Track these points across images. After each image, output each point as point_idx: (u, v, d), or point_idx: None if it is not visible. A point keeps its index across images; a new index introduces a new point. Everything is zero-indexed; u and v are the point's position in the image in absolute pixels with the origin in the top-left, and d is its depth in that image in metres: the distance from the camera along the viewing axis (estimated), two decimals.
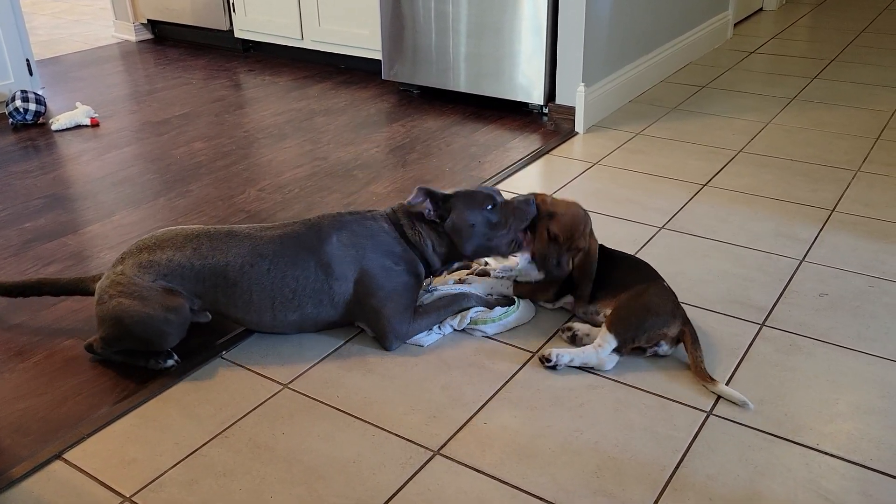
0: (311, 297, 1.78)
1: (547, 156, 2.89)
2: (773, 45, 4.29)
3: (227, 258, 1.75)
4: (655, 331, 1.71)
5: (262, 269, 1.75)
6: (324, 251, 1.77)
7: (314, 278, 1.77)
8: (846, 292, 1.99)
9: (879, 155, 2.82)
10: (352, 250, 1.78)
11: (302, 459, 1.50)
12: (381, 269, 1.79)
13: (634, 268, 1.85)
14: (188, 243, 1.77)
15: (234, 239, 1.78)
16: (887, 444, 1.51)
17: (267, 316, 1.78)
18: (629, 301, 1.74)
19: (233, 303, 1.76)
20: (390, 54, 3.52)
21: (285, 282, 1.76)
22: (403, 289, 1.80)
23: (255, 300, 1.76)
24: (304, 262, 1.77)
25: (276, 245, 1.78)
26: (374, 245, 1.80)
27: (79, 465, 1.50)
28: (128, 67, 4.19)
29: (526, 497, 1.40)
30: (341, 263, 1.77)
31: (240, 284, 1.75)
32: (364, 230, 1.81)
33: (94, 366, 1.78)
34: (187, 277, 1.74)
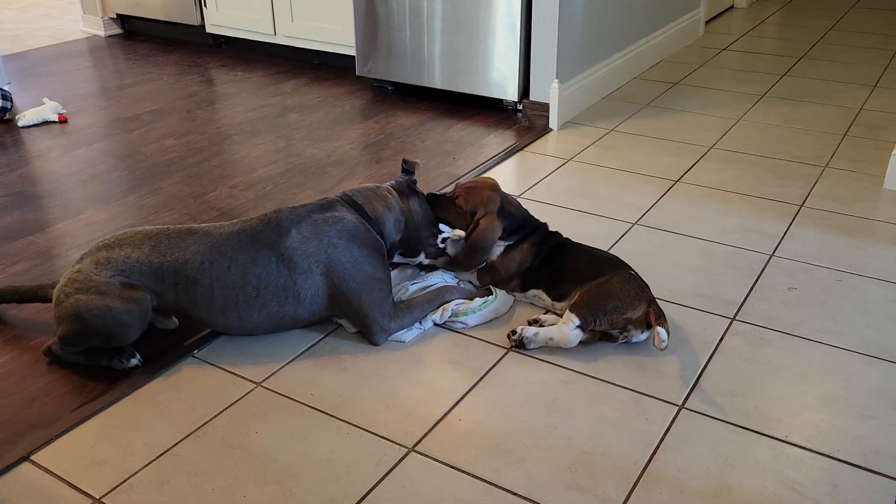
0: (276, 295, 1.75)
1: (521, 152, 2.90)
2: (743, 42, 4.34)
3: (185, 255, 1.73)
4: (618, 314, 1.73)
5: (221, 267, 1.73)
6: (283, 246, 1.75)
7: (276, 274, 1.74)
8: (814, 286, 2.03)
9: (847, 151, 2.86)
10: (314, 242, 1.76)
11: (275, 458, 1.49)
12: (349, 257, 1.77)
13: (604, 262, 1.88)
14: (146, 241, 1.75)
15: (193, 236, 1.76)
16: (853, 435, 1.53)
17: (233, 316, 1.76)
18: (592, 287, 1.78)
19: (195, 302, 1.74)
20: (364, 50, 3.51)
21: (247, 279, 1.73)
22: (376, 276, 1.80)
23: (218, 298, 1.74)
24: (265, 259, 1.74)
25: (234, 241, 1.76)
26: (340, 231, 1.78)
27: (47, 467, 1.48)
28: (97, 63, 4.13)
29: (500, 493, 1.41)
30: (304, 257, 1.76)
31: (200, 282, 1.72)
32: (325, 218, 1.80)
33: (64, 366, 1.75)
34: (146, 274, 1.72)
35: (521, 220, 1.97)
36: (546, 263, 1.90)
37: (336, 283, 1.77)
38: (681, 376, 1.70)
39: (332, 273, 1.76)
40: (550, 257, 1.91)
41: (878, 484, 1.42)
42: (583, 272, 1.84)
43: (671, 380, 1.69)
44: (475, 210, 1.94)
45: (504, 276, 1.93)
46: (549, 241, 1.95)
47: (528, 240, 1.94)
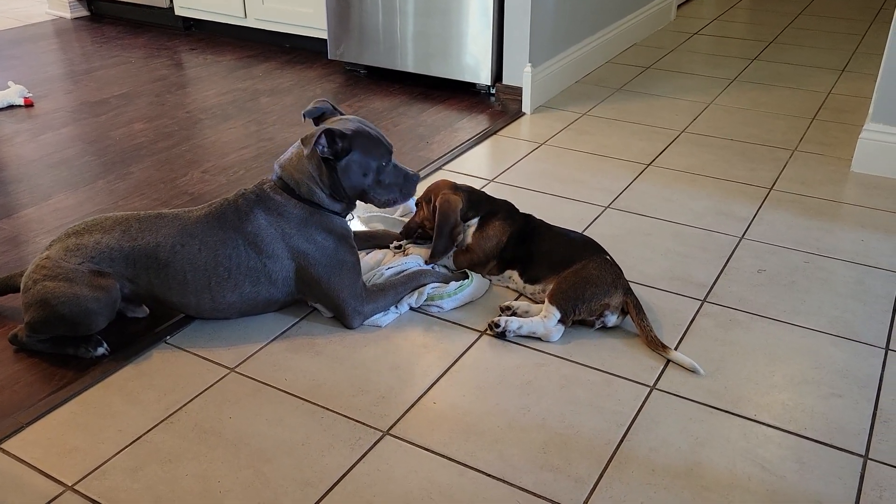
0: (248, 276, 1.75)
1: (494, 136, 2.90)
2: (714, 26, 4.37)
3: (157, 239, 1.72)
4: (597, 301, 1.74)
5: (192, 249, 1.72)
6: (247, 231, 1.74)
7: (246, 256, 1.74)
8: (783, 268, 2.06)
9: (815, 134, 2.90)
10: (272, 229, 1.75)
11: (249, 443, 1.49)
12: (308, 244, 1.76)
13: (578, 245, 1.88)
14: (116, 227, 1.73)
15: (163, 220, 1.75)
16: (820, 413, 1.57)
17: (206, 297, 1.75)
18: (569, 275, 1.78)
19: (167, 285, 1.73)
20: (336, 34, 3.47)
21: (218, 261, 1.73)
22: (339, 259, 1.78)
23: (191, 280, 1.73)
24: (233, 241, 1.74)
25: (202, 225, 1.75)
26: (288, 220, 1.76)
27: (18, 455, 1.46)
28: (63, 46, 4.04)
29: (474, 474, 1.42)
30: (269, 241, 1.75)
31: (172, 265, 1.71)
32: (272, 208, 1.77)
33: (33, 353, 1.73)
34: (116, 260, 1.70)
35: (479, 195, 2.00)
36: (521, 244, 1.91)
37: (303, 268, 1.77)
38: (652, 357, 1.72)
39: (297, 259, 1.76)
40: (525, 238, 1.91)
41: (844, 460, 1.45)
42: (558, 256, 1.84)
43: (642, 361, 1.71)
44: (430, 197, 1.98)
45: (482, 258, 1.94)
46: (522, 220, 1.96)
47: (499, 216, 1.95)
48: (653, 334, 1.72)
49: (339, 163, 1.76)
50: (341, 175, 1.77)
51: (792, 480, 1.41)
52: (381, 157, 1.79)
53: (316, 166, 1.77)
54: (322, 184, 1.79)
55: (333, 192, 1.79)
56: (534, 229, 1.94)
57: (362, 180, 1.79)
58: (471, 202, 1.96)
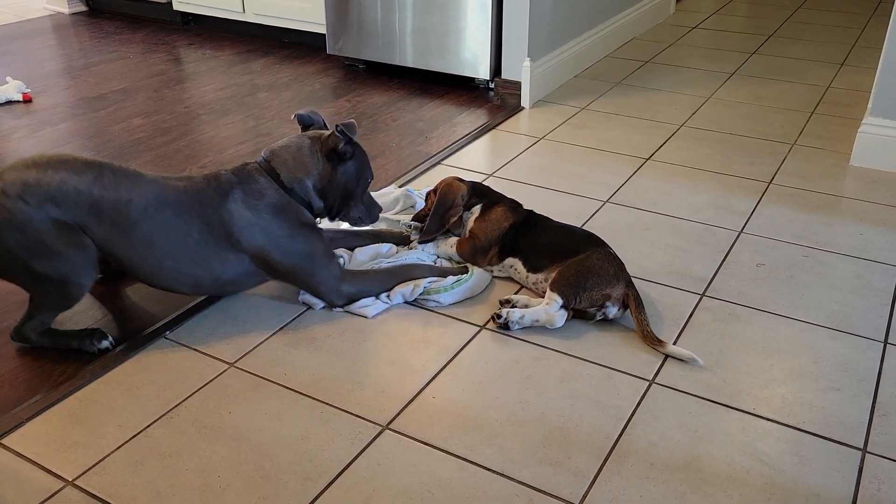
0: (217, 253, 1.72)
1: (493, 131, 2.90)
2: (713, 20, 4.36)
3: (130, 196, 1.66)
4: (598, 291, 1.75)
5: (166, 215, 1.68)
6: (225, 209, 1.72)
7: (218, 233, 1.72)
8: (782, 262, 2.06)
9: (814, 128, 2.90)
10: (247, 212, 1.74)
11: (249, 438, 1.49)
12: (281, 232, 1.75)
13: (581, 238, 1.90)
14: (88, 170, 1.64)
15: (141, 179, 1.69)
16: (818, 406, 1.57)
17: (168, 265, 1.70)
18: (572, 264, 1.80)
19: (131, 245, 1.67)
20: (335, 28, 3.47)
21: (190, 232, 1.70)
22: (310, 251, 1.78)
23: (158, 245, 1.68)
24: (207, 218, 1.71)
25: (181, 194, 1.71)
26: (266, 206, 1.75)
27: (18, 451, 1.47)
28: (61, 41, 4.04)
29: (474, 468, 1.42)
30: (243, 225, 1.73)
31: (141, 226, 1.66)
32: (251, 191, 1.76)
33: (33, 349, 1.73)
34: (82, 206, 1.62)
35: (485, 187, 2.07)
36: (523, 233, 1.93)
37: (274, 254, 1.76)
38: (651, 352, 1.72)
39: (269, 245, 1.75)
40: (528, 229, 1.93)
41: (843, 454, 1.46)
42: (561, 246, 1.86)
43: (642, 355, 1.71)
44: (436, 189, 2.06)
45: (484, 243, 1.94)
46: (525, 213, 1.99)
47: (501, 203, 2.00)
48: (649, 329, 1.73)
49: (345, 164, 1.83)
50: (341, 175, 1.83)
51: (791, 474, 1.41)
52: (369, 174, 1.91)
53: (319, 160, 1.81)
54: (319, 178, 1.81)
55: (324, 190, 1.83)
56: (536, 222, 1.96)
57: (354, 187, 1.87)
58: (474, 190, 2.03)
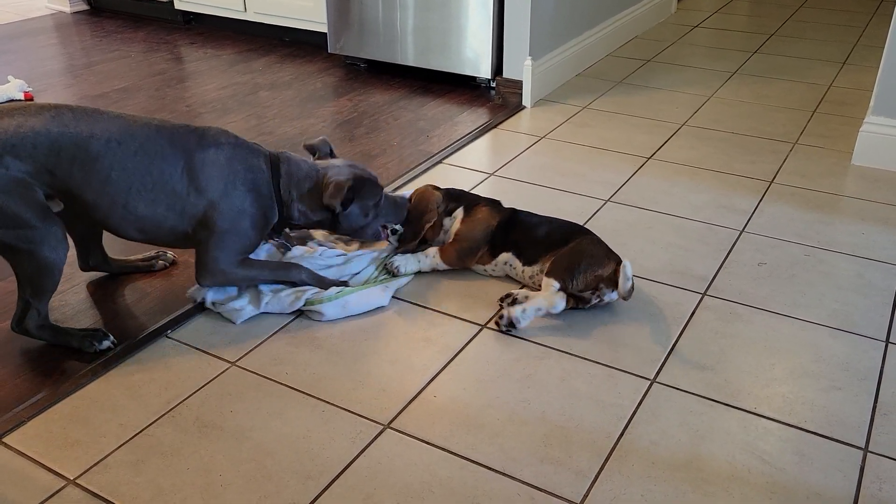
0: (168, 198, 1.69)
1: (495, 130, 2.90)
2: (715, 19, 4.36)
3: (92, 130, 1.62)
4: (591, 272, 1.78)
5: (129, 149, 1.65)
6: (197, 157, 1.70)
7: (178, 179, 1.69)
8: (783, 261, 2.06)
9: (816, 127, 2.90)
10: (223, 170, 1.72)
11: (251, 437, 1.49)
12: (239, 205, 1.74)
13: (571, 229, 1.93)
14: (44, 111, 1.61)
15: (104, 115, 1.67)
16: (819, 405, 1.57)
17: (120, 202, 1.66)
18: (565, 252, 1.83)
19: (88, 182, 1.63)
20: (336, 27, 3.47)
21: (149, 170, 1.66)
22: (246, 233, 1.77)
23: (114, 180, 1.64)
24: (174, 159, 1.68)
25: (149, 132, 1.68)
26: (246, 180, 1.74)
27: (20, 449, 1.47)
28: (63, 40, 4.04)
29: (475, 467, 1.42)
30: (209, 177, 1.71)
31: (101, 160, 1.62)
32: (242, 158, 1.75)
33: (34, 348, 1.73)
34: (40, 147, 1.58)
35: (460, 191, 2.06)
36: (512, 228, 1.94)
37: (212, 216, 1.73)
38: (652, 351, 1.72)
39: (217, 206, 1.73)
40: (515, 223, 1.95)
41: (844, 453, 1.46)
42: (552, 238, 1.89)
43: (643, 354, 1.71)
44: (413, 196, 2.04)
45: (471, 244, 1.94)
46: (509, 211, 2.00)
47: (483, 203, 2.00)
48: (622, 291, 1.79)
49: (344, 211, 1.84)
50: (342, 219, 1.86)
51: (792, 473, 1.41)
52: (376, 195, 1.89)
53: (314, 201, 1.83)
54: (303, 212, 1.84)
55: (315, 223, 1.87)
56: (522, 217, 1.97)
57: (363, 220, 1.89)
58: (451, 196, 2.02)
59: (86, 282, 1.98)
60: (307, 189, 1.83)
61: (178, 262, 2.05)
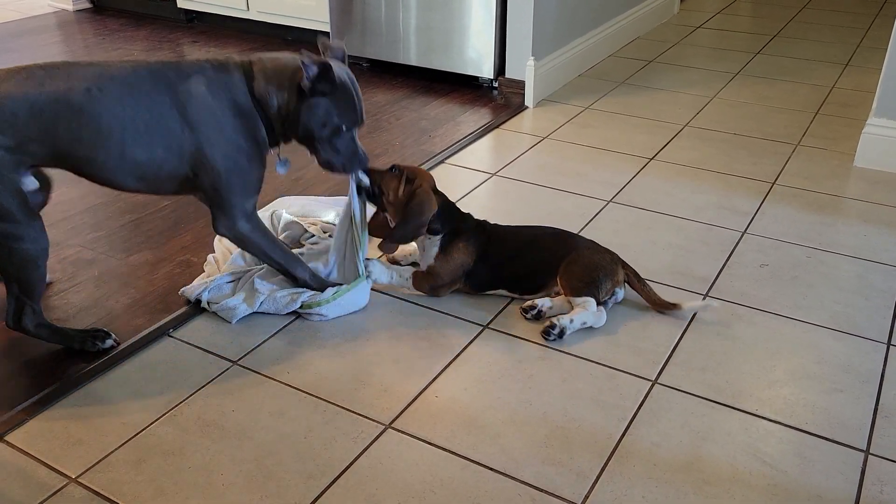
0: (164, 138, 1.62)
1: (497, 130, 2.90)
2: (718, 20, 4.36)
3: (68, 83, 1.54)
4: (609, 281, 1.80)
5: (111, 95, 1.57)
6: (181, 90, 1.62)
7: (169, 116, 1.61)
8: (785, 263, 2.06)
9: (818, 129, 2.89)
10: (209, 99, 1.64)
11: (252, 436, 1.50)
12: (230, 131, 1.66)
13: (555, 238, 1.90)
14: (13, 74, 1.53)
15: (76, 66, 1.59)
16: (821, 407, 1.57)
17: (115, 151, 1.59)
18: (572, 269, 1.81)
19: (78, 136, 1.55)
20: (338, 26, 3.47)
21: (138, 112, 1.58)
22: (247, 167, 1.70)
23: (104, 128, 1.56)
24: (160, 96, 1.61)
25: (127, 72, 1.61)
26: (229, 102, 1.66)
27: (22, 448, 1.47)
28: (65, 38, 4.04)
29: (476, 467, 1.43)
30: (197, 109, 1.63)
31: (87, 110, 1.54)
32: (221, 81, 1.66)
33: (37, 347, 1.73)
34: (20, 114, 1.50)
35: (451, 208, 1.88)
36: (492, 260, 1.85)
37: (210, 153, 1.66)
38: (654, 352, 1.72)
39: (215, 138, 1.65)
40: (492, 255, 1.85)
41: (845, 455, 1.46)
42: (545, 259, 1.84)
43: (644, 355, 1.71)
44: (413, 178, 1.83)
45: (446, 280, 1.85)
46: (482, 235, 1.87)
47: (463, 238, 1.84)
48: (657, 296, 1.82)
49: (309, 99, 1.66)
50: (304, 110, 1.68)
51: (793, 475, 1.41)
52: (346, 120, 1.71)
53: (290, 85, 1.67)
54: (281, 100, 1.68)
55: (286, 116, 1.70)
56: (499, 245, 1.86)
57: (318, 128, 1.69)
58: (442, 212, 1.83)
59: (88, 281, 1.98)
60: (282, 76, 1.68)
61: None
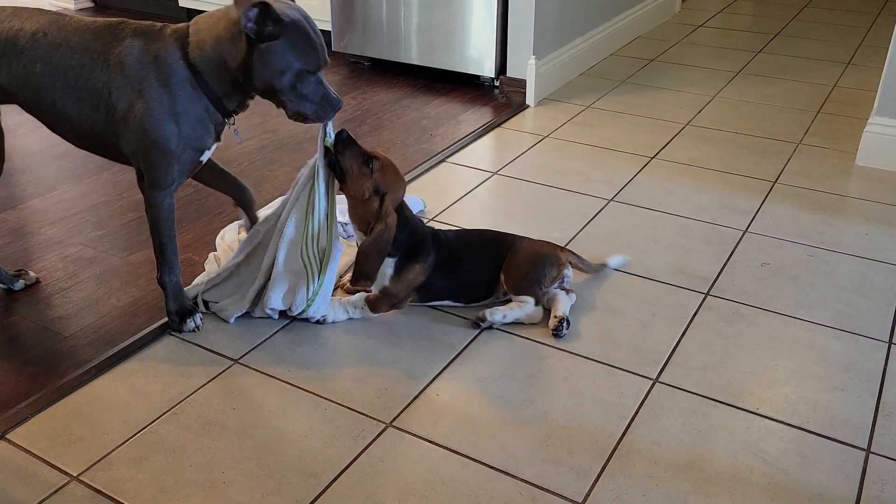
0: (92, 96, 1.61)
1: (498, 129, 2.90)
2: (719, 19, 4.35)
3: (22, 25, 1.63)
4: (551, 271, 1.81)
5: (52, 43, 1.61)
6: (112, 52, 1.60)
7: (98, 74, 1.60)
8: (787, 262, 2.06)
9: (820, 128, 2.89)
10: (136, 67, 1.58)
11: (253, 434, 1.50)
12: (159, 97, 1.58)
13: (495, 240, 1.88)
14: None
15: (40, 13, 1.66)
16: (822, 406, 1.57)
17: (48, 100, 1.63)
18: (515, 266, 1.81)
19: (16, 75, 1.63)
20: (340, 25, 3.47)
21: (70, 64, 1.60)
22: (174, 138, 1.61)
23: (38, 74, 1.61)
24: (92, 54, 1.61)
25: (75, 26, 1.64)
26: (158, 68, 1.58)
27: (23, 446, 1.47)
28: None
29: (477, 466, 1.43)
30: (124, 75, 1.58)
31: (27, 53, 1.61)
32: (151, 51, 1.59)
33: (38, 344, 1.74)
34: None
35: (408, 226, 1.77)
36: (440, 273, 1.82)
37: (137, 116, 1.59)
38: (654, 351, 1.72)
39: (136, 110, 1.59)
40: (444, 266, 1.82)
41: (846, 454, 1.46)
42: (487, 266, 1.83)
43: (645, 354, 1.71)
44: (381, 188, 1.71)
45: (402, 297, 1.81)
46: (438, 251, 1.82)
47: (420, 259, 1.79)
48: (591, 264, 1.93)
49: (260, 45, 1.52)
50: (256, 60, 1.53)
51: (794, 474, 1.41)
52: (307, 62, 1.56)
53: (233, 37, 1.54)
54: (229, 59, 1.56)
55: (239, 75, 1.57)
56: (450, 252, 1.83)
57: (277, 78, 1.55)
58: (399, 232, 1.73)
59: (89, 279, 1.98)
60: (220, 32, 1.57)
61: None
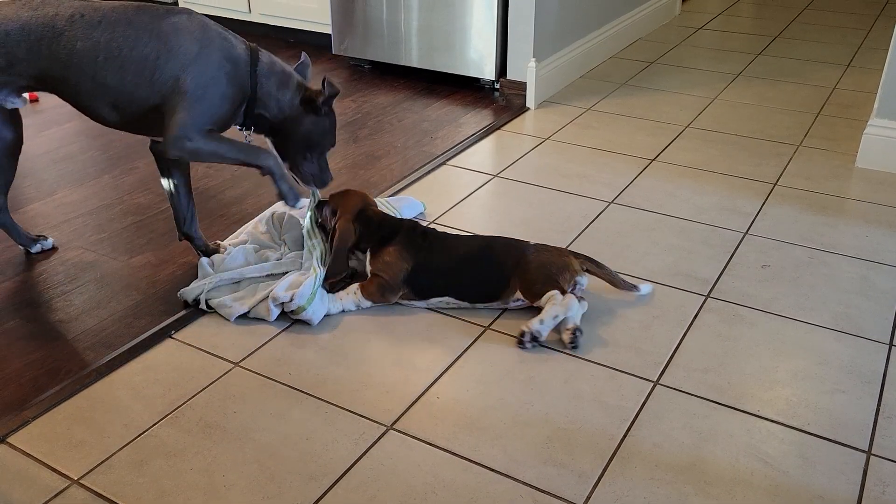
0: (136, 63, 1.68)
1: (498, 131, 2.90)
2: (719, 21, 4.36)
3: (57, 10, 1.69)
4: (566, 272, 1.80)
5: (93, 21, 1.68)
6: (167, 21, 1.71)
7: (145, 43, 1.69)
8: (787, 264, 2.06)
9: (820, 130, 2.89)
10: (192, 35, 1.71)
11: (254, 438, 1.50)
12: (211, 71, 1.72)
13: (508, 245, 1.88)
14: (14, 1, 1.69)
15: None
16: (823, 408, 1.57)
17: (88, 74, 1.69)
18: (529, 273, 1.80)
19: (55, 56, 1.67)
20: (340, 28, 3.47)
21: (114, 37, 1.68)
22: (218, 102, 1.74)
23: (79, 50, 1.67)
24: (141, 24, 1.69)
25: (115, 4, 1.72)
26: (221, 45, 1.75)
27: (24, 449, 1.47)
28: None
29: (478, 469, 1.43)
30: (180, 40, 1.70)
31: (66, 33, 1.67)
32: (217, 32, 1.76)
33: (39, 348, 1.74)
34: (12, 34, 1.66)
35: (372, 226, 1.90)
36: (438, 271, 1.83)
37: (183, 80, 1.70)
38: (655, 353, 1.72)
39: (188, 70, 1.70)
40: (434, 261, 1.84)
41: (847, 456, 1.46)
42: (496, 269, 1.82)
43: (646, 356, 1.71)
44: (335, 212, 1.94)
45: (392, 281, 1.82)
46: (418, 240, 1.87)
47: (392, 244, 1.85)
48: (619, 278, 1.86)
49: (317, 116, 1.85)
50: (307, 120, 1.85)
51: (795, 476, 1.41)
52: (324, 144, 1.90)
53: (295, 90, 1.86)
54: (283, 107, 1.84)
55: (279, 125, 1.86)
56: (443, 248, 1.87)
57: (316, 141, 1.88)
58: (363, 230, 1.89)
59: (90, 283, 1.98)
60: (287, 82, 1.85)
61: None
